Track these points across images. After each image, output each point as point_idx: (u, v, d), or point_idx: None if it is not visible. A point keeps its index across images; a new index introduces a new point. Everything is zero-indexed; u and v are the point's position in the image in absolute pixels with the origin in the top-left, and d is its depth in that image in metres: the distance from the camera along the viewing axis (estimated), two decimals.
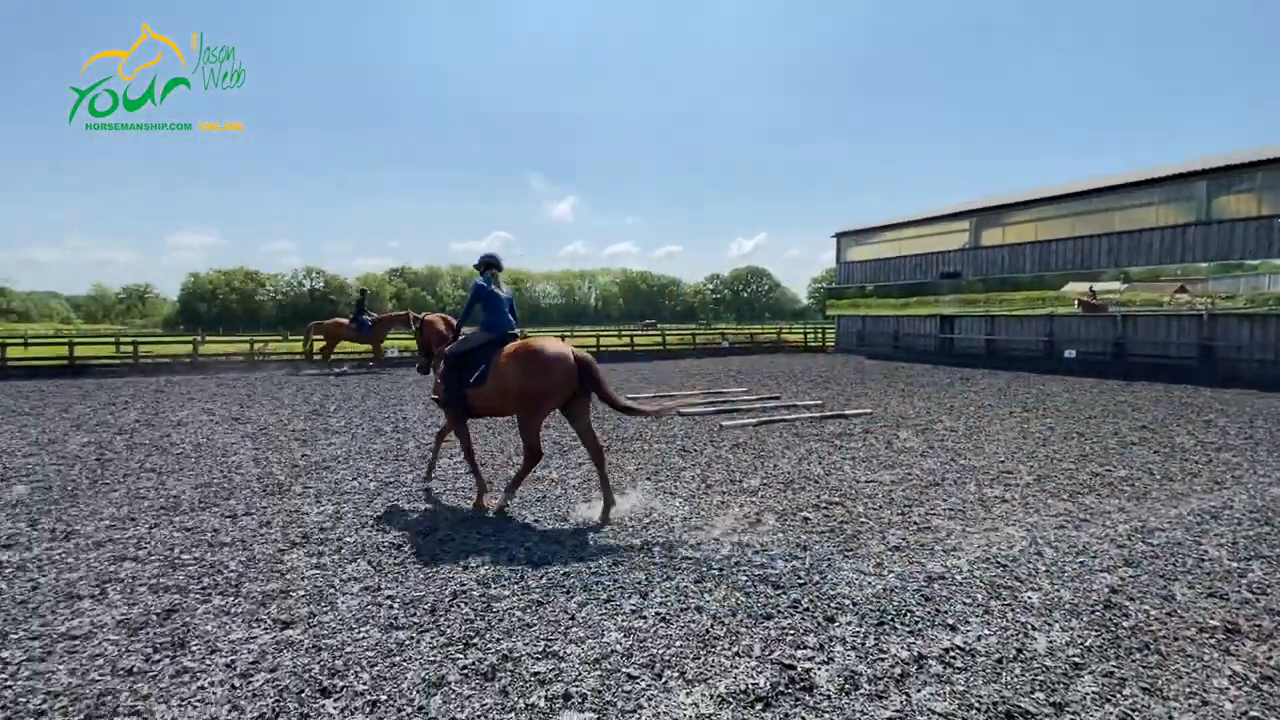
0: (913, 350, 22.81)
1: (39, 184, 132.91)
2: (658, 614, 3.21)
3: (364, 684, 2.64)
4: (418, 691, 2.59)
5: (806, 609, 3.27)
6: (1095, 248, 17.94)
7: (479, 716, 2.44)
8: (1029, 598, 3.41)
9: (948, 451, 7.00)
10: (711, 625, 3.10)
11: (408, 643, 2.95)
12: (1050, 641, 2.96)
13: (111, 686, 2.63)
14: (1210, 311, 15.52)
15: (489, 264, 5.26)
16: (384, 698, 2.55)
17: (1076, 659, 2.81)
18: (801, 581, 3.59)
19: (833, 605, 3.31)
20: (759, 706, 2.49)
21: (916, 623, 3.13)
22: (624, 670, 2.73)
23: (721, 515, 4.75)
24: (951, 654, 2.85)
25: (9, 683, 2.65)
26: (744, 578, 3.63)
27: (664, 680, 2.66)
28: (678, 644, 2.94)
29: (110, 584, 3.59)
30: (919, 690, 2.58)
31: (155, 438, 7.92)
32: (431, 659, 2.82)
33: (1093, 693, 2.57)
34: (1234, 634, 3.03)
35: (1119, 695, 2.56)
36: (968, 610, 3.26)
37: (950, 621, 3.13)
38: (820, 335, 29.96)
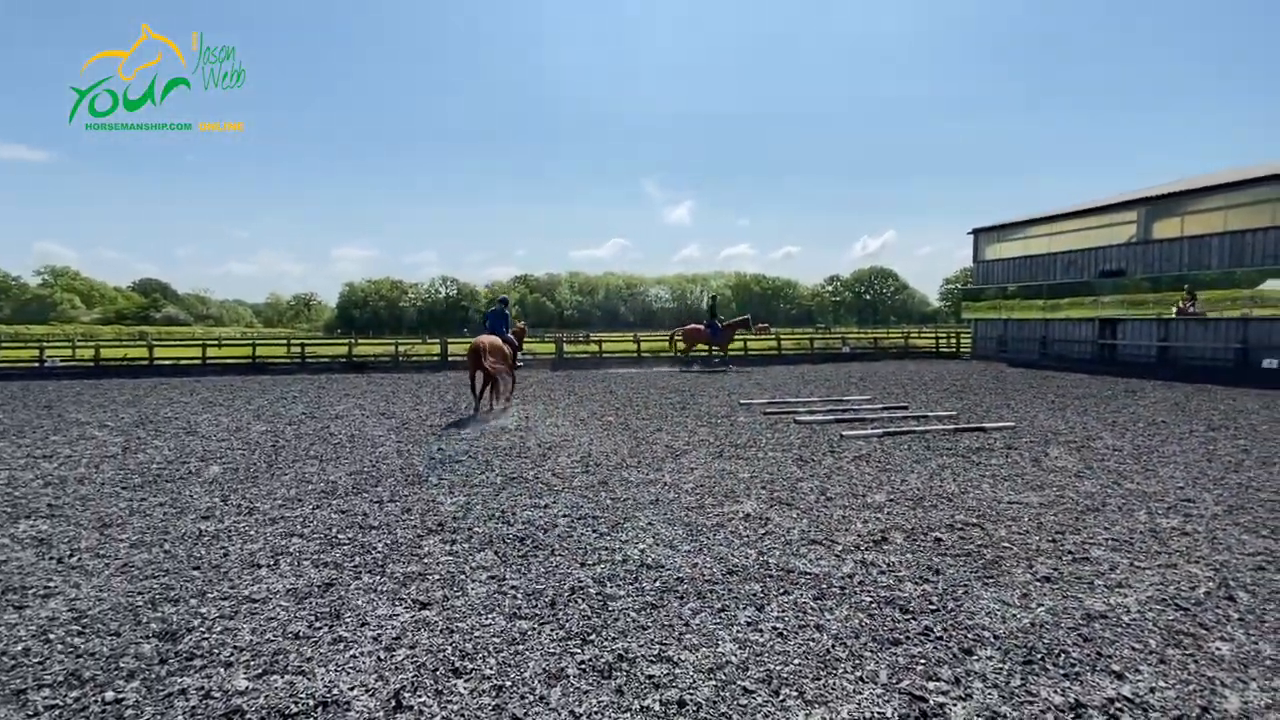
0: (1064, 358, 20.53)
1: (231, 204, 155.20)
2: (774, 629, 3.12)
3: (490, 669, 2.79)
4: (539, 681, 2.69)
5: (939, 637, 3.03)
6: None
7: (596, 713, 2.49)
8: (1217, 649, 2.93)
9: (1110, 473, 6.21)
10: (832, 646, 2.96)
11: (530, 633, 3.09)
12: (1245, 703, 2.53)
13: (283, 647, 2.98)
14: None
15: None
16: (508, 684, 2.68)
17: None
18: (933, 607, 3.33)
19: (970, 637, 3.04)
20: None
21: (1073, 665, 2.79)
22: (739, 683, 2.67)
23: (843, 531, 4.53)
24: (1118, 705, 2.51)
25: (206, 636, 3.09)
26: (868, 598, 3.44)
27: (781, 698, 2.58)
28: (796, 662, 2.83)
29: (282, 556, 4.08)
30: None
31: (317, 429, 8.91)
32: (551, 651, 2.92)
33: None
34: None
35: None
36: (1138, 657, 2.86)
37: (1116, 668, 2.77)
38: (955, 340, 27.79)
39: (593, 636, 3.06)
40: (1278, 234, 15.71)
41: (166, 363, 20.36)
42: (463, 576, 3.76)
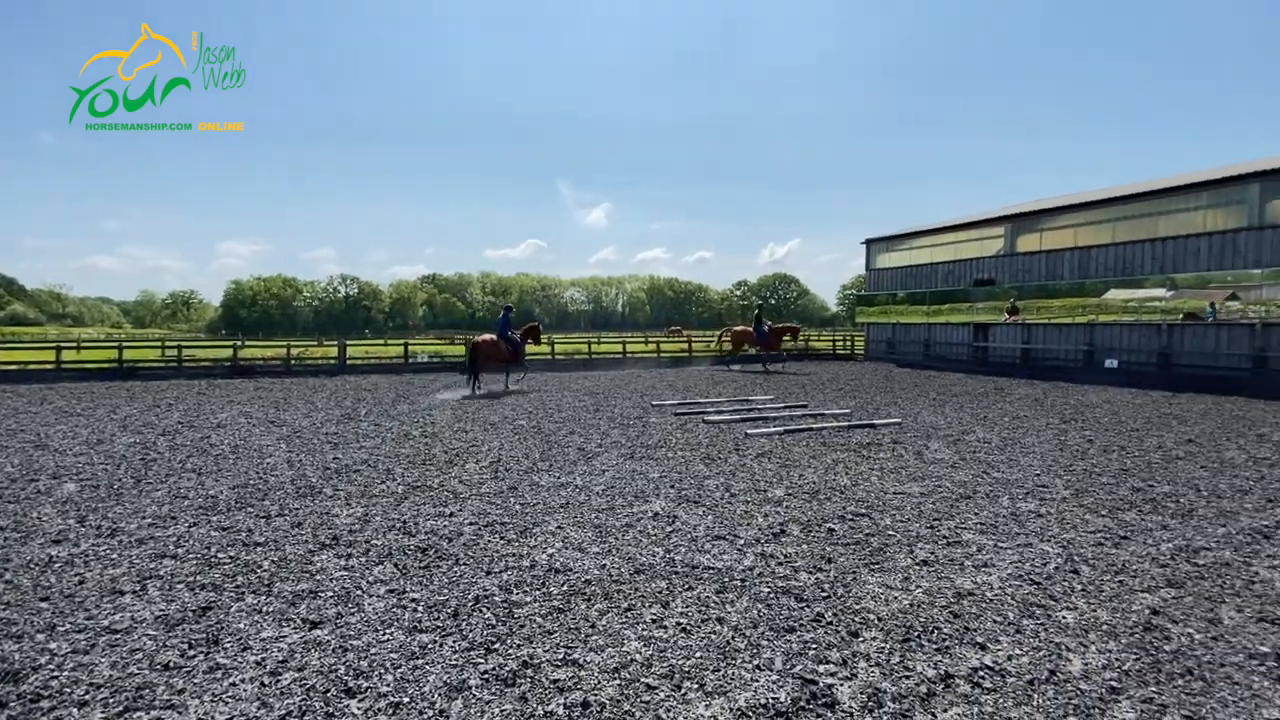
0: (945, 359, 22.36)
1: (96, 194, 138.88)
2: (678, 624, 3.19)
3: (387, 685, 2.67)
4: (439, 695, 2.61)
5: (830, 623, 3.21)
6: (1139, 253, 17.40)
7: None
8: (1064, 617, 3.30)
9: (980, 464, 6.83)
10: (732, 637, 3.07)
11: (431, 646, 2.98)
12: (1086, 664, 2.86)
13: (149, 680, 2.71)
14: (1265, 321, 14.92)
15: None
16: (406, 700, 2.58)
17: (1114, 683, 2.71)
18: (825, 594, 3.53)
19: (857, 620, 3.24)
20: None
21: (944, 640, 3.05)
22: (643, 680, 2.71)
23: (745, 525, 4.71)
24: (980, 674, 2.77)
25: (55, 674, 2.75)
26: (766, 589, 3.59)
27: (683, 692, 2.64)
28: (698, 655, 2.91)
29: (150, 580, 3.70)
30: (945, 710, 2.51)
31: (196, 439, 8.16)
32: (453, 663, 2.84)
33: (1130, 719, 2.47)
34: None
35: None
36: (998, 629, 3.17)
37: (980, 640, 3.05)
38: (850, 343, 29.56)
39: (497, 645, 3.00)
40: (1116, 250, 17.89)
41: (11, 367, 17.96)
42: (359, 592, 3.58)
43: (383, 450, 7.40)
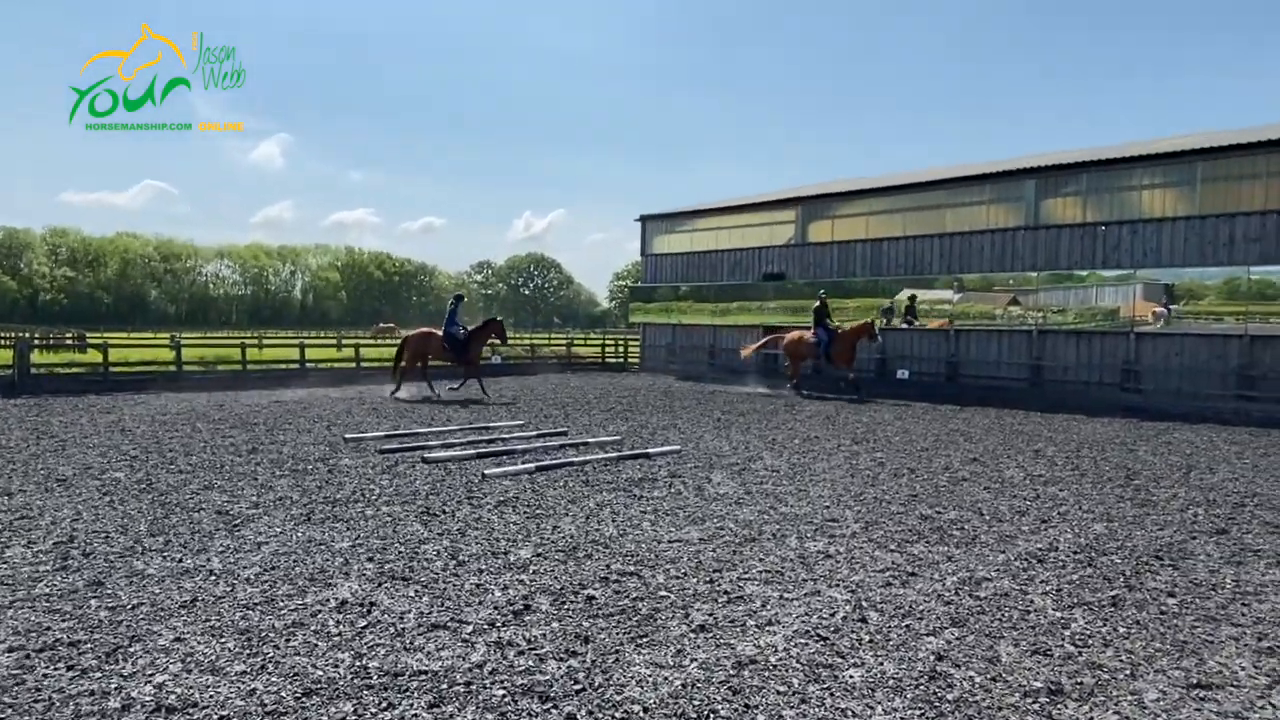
0: (732, 369, 24.74)
1: None
2: None
3: None
4: None
5: None
6: (927, 249, 21.14)
7: None
8: (850, 676, 3.79)
9: (767, 497, 7.63)
10: None
11: None
12: None
13: None
14: (1040, 327, 19.09)
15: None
16: None
17: None
18: (579, 687, 3.61)
19: (618, 716, 3.36)
20: None
21: None
22: None
23: (475, 604, 4.64)
24: None
25: None
26: (500, 691, 3.55)
27: None
28: None
29: None
30: None
31: None
32: None
33: None
34: (1057, 695, 3.65)
35: None
36: (781, 701, 3.52)
37: (761, 718, 3.36)
38: (624, 349, 31.18)
39: None
40: (906, 245, 21.53)
41: None
42: None
43: None
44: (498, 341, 18.37)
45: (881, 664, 3.94)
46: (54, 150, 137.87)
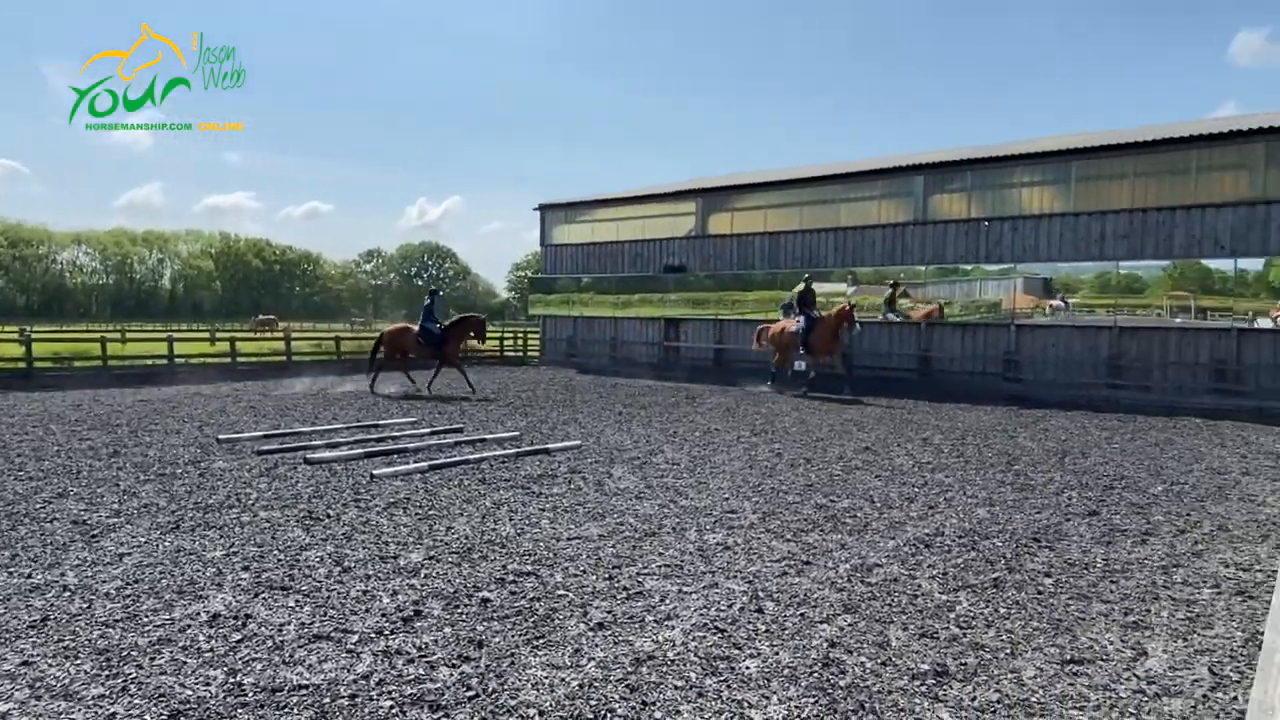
0: (633, 361, 24.87)
1: None
2: None
3: None
4: None
5: None
6: (822, 243, 21.78)
7: None
8: (747, 667, 3.85)
9: (668, 491, 7.69)
10: None
11: None
12: (766, 718, 3.37)
13: None
14: (929, 320, 19.96)
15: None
16: None
17: None
18: (472, 693, 3.53)
19: None
20: None
21: None
22: None
23: (362, 612, 4.48)
24: None
25: None
26: (388, 702, 3.43)
27: None
28: None
29: None
30: None
31: None
32: None
33: None
34: (943, 676, 3.81)
35: None
36: (679, 696, 3.54)
37: (658, 715, 3.37)
38: (523, 342, 30.85)
39: None
40: (803, 238, 22.11)
41: None
42: None
43: None
44: (475, 340, 18.11)
45: (777, 653, 4.02)
46: None
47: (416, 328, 17.44)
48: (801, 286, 18.45)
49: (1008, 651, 4.12)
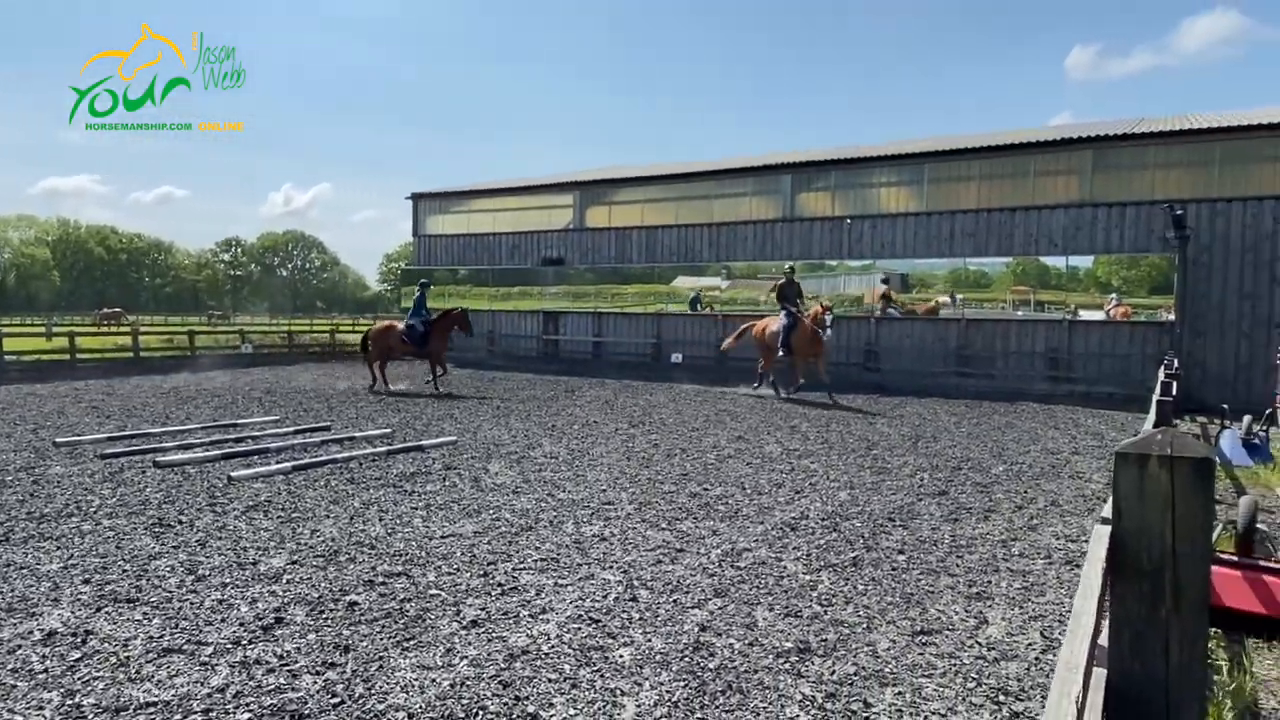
0: (512, 355, 24.64)
1: None
2: None
3: None
4: None
5: None
6: (698, 238, 22.21)
7: None
8: (620, 656, 3.91)
9: (545, 484, 7.68)
10: None
11: None
12: (639, 706, 3.43)
13: None
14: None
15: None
16: None
17: (664, 719, 3.32)
18: (337, 700, 3.42)
19: None
20: None
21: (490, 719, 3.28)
22: None
23: (217, 623, 4.25)
24: None
25: None
26: (246, 715, 3.29)
27: None
28: None
29: None
30: None
31: None
32: None
33: None
34: (805, 653, 3.99)
35: None
36: (552, 689, 3.56)
37: (532, 709, 3.37)
38: None
39: None
40: (679, 233, 22.47)
41: None
42: None
43: None
44: (461, 332, 17.25)
45: (650, 640, 4.10)
46: None
47: (401, 325, 16.83)
48: (783, 280, 16.60)
49: (864, 626, 4.36)
